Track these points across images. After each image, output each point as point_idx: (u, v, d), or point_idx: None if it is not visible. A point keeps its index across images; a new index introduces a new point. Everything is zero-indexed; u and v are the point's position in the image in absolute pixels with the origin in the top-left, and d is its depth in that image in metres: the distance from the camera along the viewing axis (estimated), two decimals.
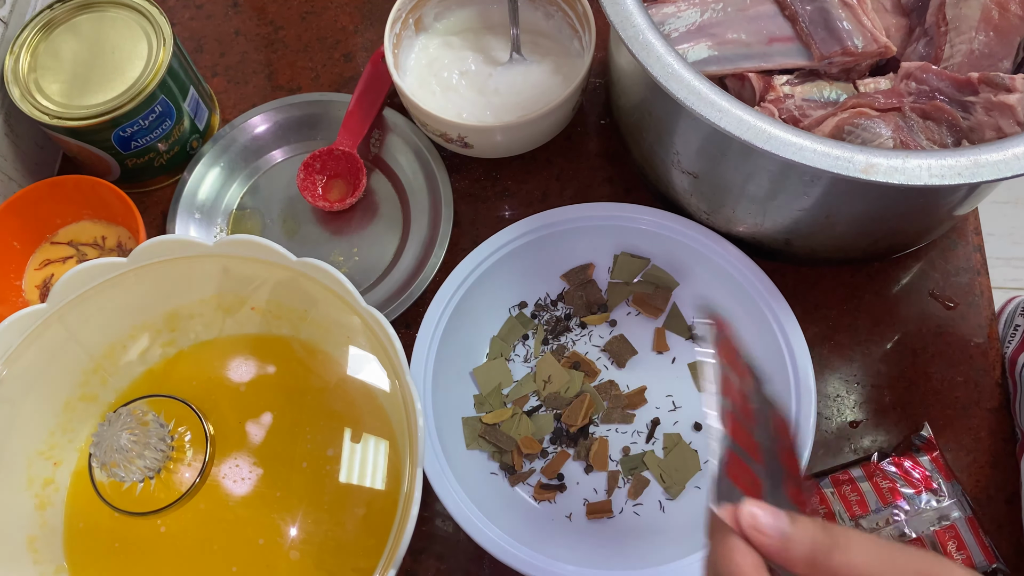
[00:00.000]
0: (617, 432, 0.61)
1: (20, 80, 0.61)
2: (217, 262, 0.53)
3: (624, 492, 0.60)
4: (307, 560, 0.48)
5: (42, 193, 0.63)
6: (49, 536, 0.50)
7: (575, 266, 0.65)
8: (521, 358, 0.64)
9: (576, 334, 0.64)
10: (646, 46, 0.50)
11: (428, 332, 0.59)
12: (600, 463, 0.60)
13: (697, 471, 0.60)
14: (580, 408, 0.61)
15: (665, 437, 0.61)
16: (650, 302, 0.64)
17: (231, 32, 0.75)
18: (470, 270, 0.60)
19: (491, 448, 0.60)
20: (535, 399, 0.62)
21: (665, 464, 0.60)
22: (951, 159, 0.47)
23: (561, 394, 0.62)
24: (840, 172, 0.47)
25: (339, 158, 0.66)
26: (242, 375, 0.53)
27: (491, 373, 0.62)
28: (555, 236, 0.62)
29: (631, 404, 0.62)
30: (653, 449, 0.61)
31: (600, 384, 0.63)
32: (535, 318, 0.65)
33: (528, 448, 0.60)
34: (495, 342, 0.64)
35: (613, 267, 0.65)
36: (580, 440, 0.61)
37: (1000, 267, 1.24)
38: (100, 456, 0.45)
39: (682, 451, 0.60)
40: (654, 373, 0.63)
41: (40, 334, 0.51)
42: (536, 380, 0.62)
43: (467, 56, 0.67)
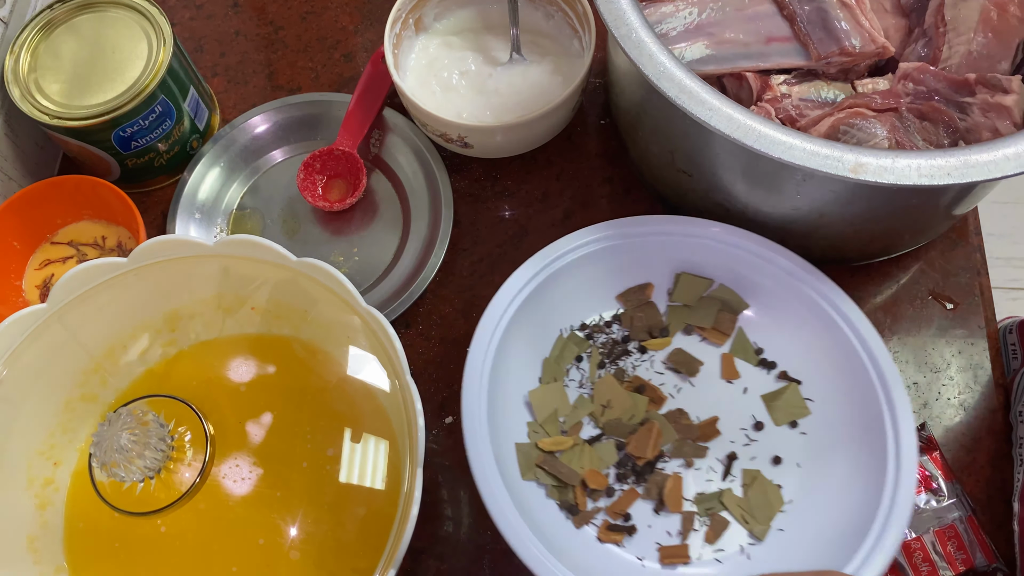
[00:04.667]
0: (688, 468, 0.57)
1: (20, 80, 0.61)
2: (217, 262, 0.53)
3: (700, 535, 0.55)
4: (307, 560, 0.48)
5: (42, 193, 0.63)
6: (49, 536, 0.50)
7: (631, 286, 0.61)
8: (576, 383, 0.59)
9: (635, 359, 0.60)
10: (638, 44, 0.50)
11: (480, 352, 0.55)
12: (674, 503, 0.55)
13: (780, 509, 0.55)
14: (648, 438, 0.56)
15: (744, 473, 0.56)
16: (715, 327, 0.60)
17: (231, 32, 0.75)
18: (519, 287, 0.57)
19: (551, 481, 0.55)
20: (591, 426, 0.58)
21: (746, 503, 0.55)
22: (941, 159, 0.47)
23: (624, 421, 0.57)
24: (829, 171, 0.47)
25: (339, 158, 0.66)
26: (242, 375, 0.53)
27: (547, 397, 0.58)
28: (607, 252, 0.59)
29: (703, 435, 0.57)
30: (730, 487, 0.56)
31: (667, 413, 0.58)
32: (590, 339, 0.60)
33: (595, 483, 0.55)
34: (548, 364, 0.59)
35: (674, 288, 0.61)
36: (648, 475, 0.56)
37: (1000, 267, 1.24)
38: (100, 456, 0.45)
39: (763, 487, 0.55)
40: (724, 403, 0.58)
41: (40, 334, 0.51)
42: (594, 404, 0.58)
43: (467, 56, 0.67)
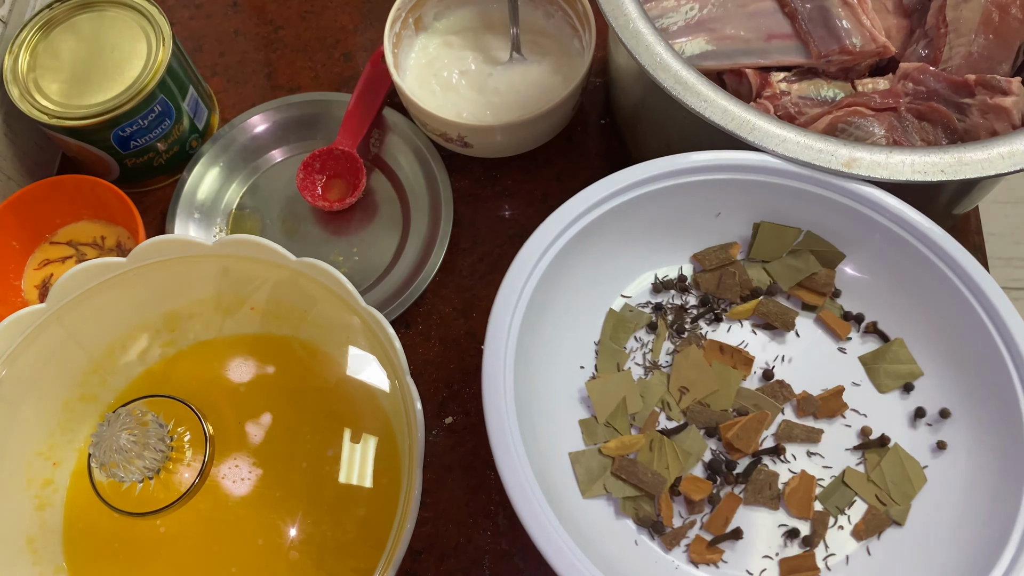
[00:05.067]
0: (797, 457, 0.48)
1: (19, 80, 0.61)
2: (216, 262, 0.53)
3: (836, 536, 0.46)
4: (307, 560, 0.48)
5: (41, 193, 0.63)
6: (48, 537, 0.50)
7: (708, 243, 0.52)
8: (640, 366, 0.50)
9: (712, 327, 0.51)
10: (636, 35, 0.49)
11: (499, 341, 0.44)
12: (803, 506, 0.46)
13: (923, 482, 0.48)
14: (756, 427, 0.47)
15: (866, 455, 0.48)
16: (810, 285, 0.51)
17: (230, 32, 0.75)
18: (542, 248, 0.46)
19: (627, 493, 0.46)
20: (664, 417, 0.49)
21: (880, 479, 0.48)
22: (935, 156, 0.47)
23: (712, 406, 0.48)
24: (822, 165, 0.47)
25: (339, 158, 0.66)
26: (241, 375, 0.53)
27: (610, 387, 0.48)
28: (655, 197, 0.49)
29: (826, 411, 0.48)
30: (847, 465, 0.48)
31: (766, 387, 0.49)
32: (656, 309, 0.51)
33: (695, 491, 0.46)
34: (605, 347, 0.50)
35: (752, 241, 0.52)
36: (750, 473, 0.47)
37: (1001, 267, 1.24)
38: (99, 456, 0.44)
39: (897, 460, 0.48)
40: (823, 371, 0.50)
41: (39, 334, 0.50)
42: (670, 388, 0.49)
43: (467, 55, 0.67)
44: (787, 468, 0.48)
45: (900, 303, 0.51)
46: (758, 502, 0.47)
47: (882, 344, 0.51)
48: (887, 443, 0.48)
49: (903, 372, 0.50)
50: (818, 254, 0.52)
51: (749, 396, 0.49)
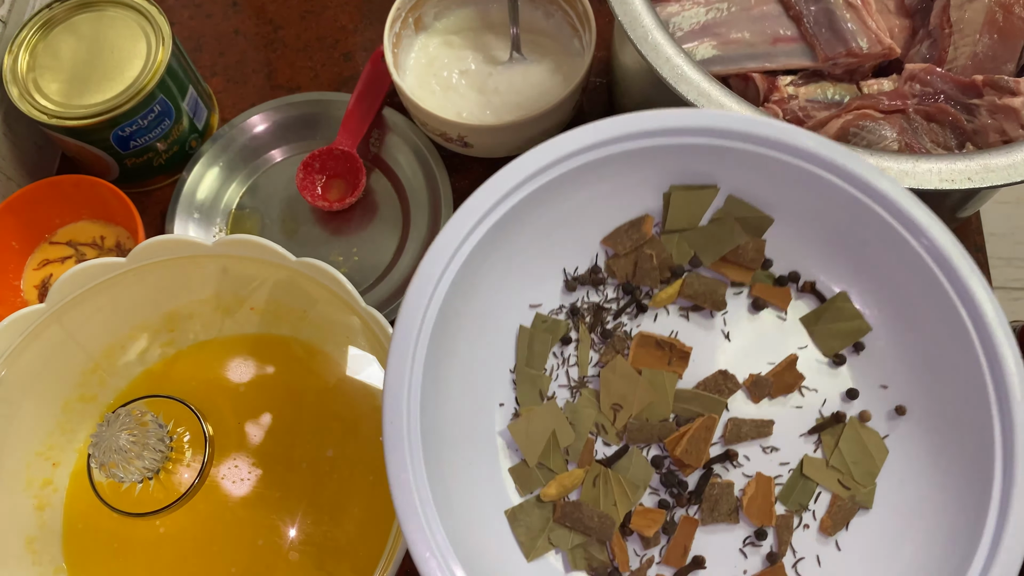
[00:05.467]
0: (750, 457, 0.44)
1: (19, 80, 0.61)
2: (216, 262, 0.52)
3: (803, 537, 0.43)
4: (306, 561, 0.48)
5: (41, 193, 0.63)
6: (48, 537, 0.50)
7: (618, 224, 0.46)
8: (562, 384, 0.45)
9: (634, 325, 0.46)
10: (655, 47, 0.48)
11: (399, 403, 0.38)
12: (764, 514, 0.43)
13: (885, 454, 0.44)
14: (705, 435, 0.43)
15: (822, 437, 0.44)
16: (735, 259, 0.46)
17: (230, 31, 0.75)
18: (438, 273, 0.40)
19: (576, 540, 0.42)
20: (601, 442, 0.44)
21: (840, 462, 0.44)
22: (961, 163, 0.46)
23: (649, 420, 0.44)
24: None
25: (338, 158, 0.66)
26: (241, 375, 0.52)
27: (537, 424, 0.43)
28: (551, 188, 0.43)
29: (782, 387, 0.44)
30: (804, 452, 0.44)
31: (708, 381, 0.45)
32: (572, 314, 0.46)
33: (648, 525, 0.41)
34: (522, 375, 0.45)
35: (665, 211, 0.46)
36: (703, 489, 0.43)
37: (1001, 267, 1.24)
38: (99, 457, 0.44)
39: (856, 437, 0.44)
40: (767, 346, 0.46)
41: (39, 334, 0.50)
42: (601, 408, 0.44)
43: (467, 55, 0.67)
44: (741, 473, 0.44)
45: (837, 257, 0.47)
46: (716, 520, 0.43)
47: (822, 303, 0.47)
48: (842, 419, 0.44)
49: (849, 329, 0.46)
50: (743, 221, 0.46)
51: (689, 398, 0.45)
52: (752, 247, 0.46)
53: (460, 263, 0.41)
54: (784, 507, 0.44)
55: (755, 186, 0.46)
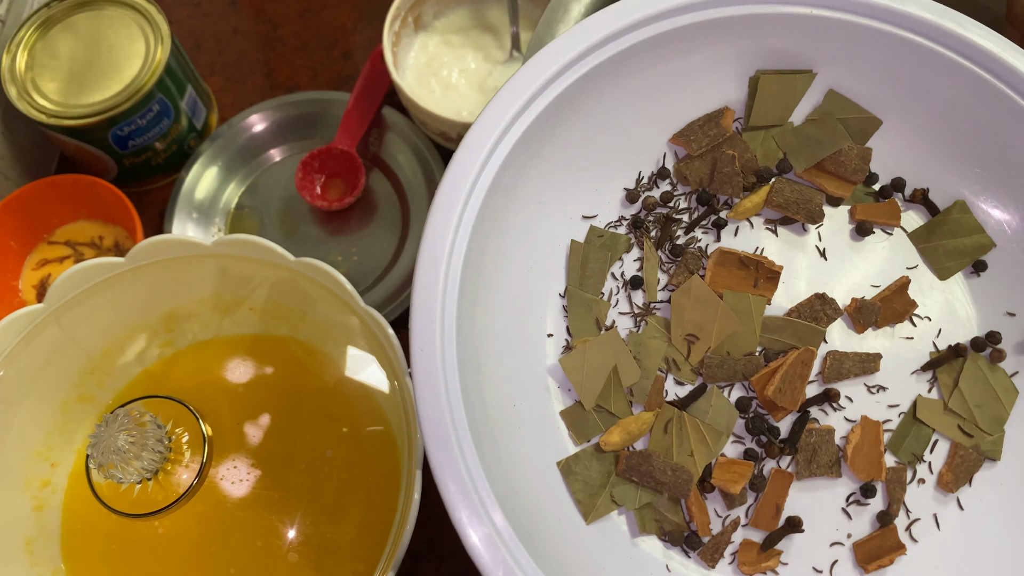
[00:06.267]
0: (853, 399, 0.37)
1: (17, 79, 0.61)
2: (215, 262, 0.52)
3: (914, 496, 0.35)
4: (305, 562, 0.48)
5: (39, 192, 0.63)
6: (46, 538, 0.50)
7: (693, 117, 0.38)
8: (627, 315, 0.37)
9: (710, 240, 0.38)
10: None
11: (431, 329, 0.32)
12: (871, 467, 0.36)
13: (1015, 396, 0.37)
14: (801, 371, 0.35)
15: (938, 375, 0.37)
16: (835, 169, 0.38)
17: (229, 30, 0.75)
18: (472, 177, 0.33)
19: (645, 498, 0.35)
20: (673, 381, 0.37)
21: (961, 405, 0.37)
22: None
23: (730, 354, 0.37)
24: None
25: (338, 157, 0.66)
26: (240, 376, 0.52)
27: (593, 357, 0.36)
28: (607, 69, 0.35)
29: (890, 315, 0.37)
30: (918, 394, 0.37)
31: (801, 307, 0.37)
32: (637, 227, 0.38)
33: (733, 480, 0.35)
34: (575, 299, 0.37)
35: (750, 103, 0.38)
36: (798, 436, 0.36)
37: None
38: (97, 457, 0.44)
39: (975, 375, 0.37)
40: (867, 267, 0.39)
41: (37, 334, 0.50)
42: (673, 340, 0.37)
43: (467, 54, 0.67)
44: (843, 417, 0.37)
45: (955, 160, 0.39)
46: (814, 473, 0.36)
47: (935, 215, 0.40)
48: (963, 353, 0.37)
49: (969, 246, 0.39)
50: (845, 123, 0.39)
51: (780, 327, 0.37)
52: (856, 154, 0.38)
53: (500, 161, 0.34)
54: (895, 458, 0.37)
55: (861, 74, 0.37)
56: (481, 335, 0.35)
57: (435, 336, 0.32)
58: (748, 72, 0.39)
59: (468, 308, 0.33)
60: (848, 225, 0.40)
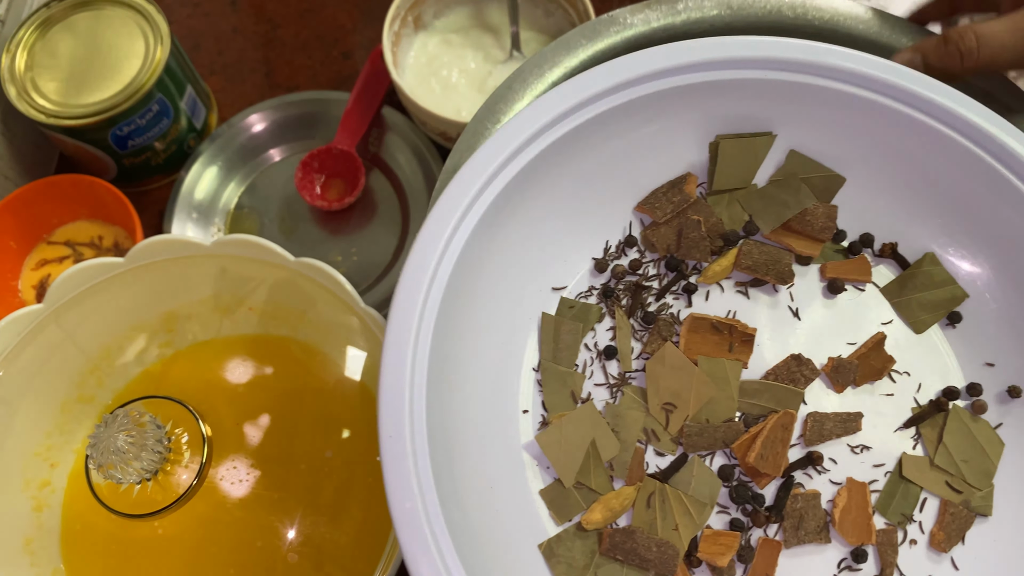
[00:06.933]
0: (837, 460, 0.37)
1: (16, 79, 0.61)
2: (215, 262, 0.52)
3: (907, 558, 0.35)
4: (305, 563, 0.48)
5: (39, 192, 0.63)
6: (46, 538, 0.50)
7: (656, 185, 0.38)
8: (603, 387, 0.37)
9: (681, 306, 0.38)
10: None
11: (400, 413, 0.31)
12: (862, 531, 0.35)
13: (1001, 448, 0.36)
14: (783, 436, 0.35)
15: (921, 431, 0.37)
16: (801, 228, 0.38)
17: (229, 30, 0.74)
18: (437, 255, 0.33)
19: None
20: (653, 451, 0.36)
21: (947, 461, 0.36)
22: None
23: (710, 421, 0.36)
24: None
25: (337, 157, 0.66)
26: (240, 376, 0.52)
27: (570, 433, 0.35)
28: (570, 140, 0.36)
29: (869, 373, 0.37)
30: (902, 450, 0.37)
31: (778, 369, 0.37)
32: (608, 297, 0.38)
33: (720, 552, 0.34)
34: (549, 373, 0.37)
35: (712, 168, 0.39)
36: (784, 503, 0.36)
37: None
38: (97, 458, 0.44)
39: (959, 428, 0.36)
40: (843, 325, 0.38)
41: (36, 335, 0.50)
42: (650, 409, 0.36)
43: (467, 54, 0.67)
44: (827, 479, 0.37)
45: (921, 213, 0.39)
46: (802, 540, 0.35)
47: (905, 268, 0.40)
48: (945, 407, 0.37)
49: (942, 298, 0.39)
50: (809, 182, 0.39)
51: (758, 391, 0.37)
52: (823, 213, 0.38)
53: (465, 236, 0.34)
54: (884, 519, 0.36)
55: (821, 133, 0.38)
56: (453, 418, 0.34)
57: (404, 422, 0.31)
58: (708, 137, 0.39)
59: (437, 391, 0.33)
60: (819, 283, 0.40)
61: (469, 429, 0.35)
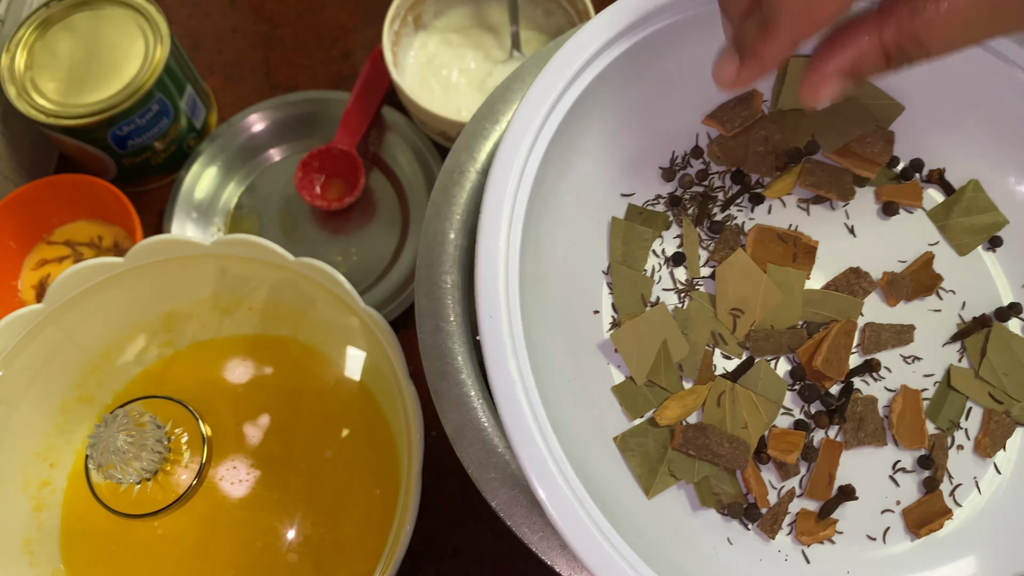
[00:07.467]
0: (892, 369, 0.38)
1: (16, 79, 0.61)
2: (214, 262, 0.52)
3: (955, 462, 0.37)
4: (305, 563, 0.48)
5: (38, 192, 0.63)
6: (46, 538, 0.50)
7: (723, 98, 0.40)
8: (671, 291, 0.38)
9: (746, 217, 0.40)
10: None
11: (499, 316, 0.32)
12: (915, 434, 0.37)
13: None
14: (845, 342, 0.37)
15: (966, 344, 0.39)
16: (860, 151, 0.40)
17: (228, 30, 0.74)
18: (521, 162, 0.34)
19: (703, 471, 0.35)
20: (720, 354, 0.38)
21: (990, 373, 0.38)
22: None
23: (774, 327, 0.38)
24: None
25: (337, 157, 0.66)
26: (239, 376, 0.52)
27: (642, 332, 0.36)
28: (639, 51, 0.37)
29: (920, 288, 0.39)
30: (949, 363, 0.39)
31: (837, 280, 0.39)
32: (676, 205, 0.40)
33: (787, 450, 0.36)
34: (619, 275, 0.38)
35: (779, 86, 0.40)
36: (846, 405, 0.37)
37: None
38: (96, 458, 0.44)
39: (1001, 344, 0.38)
40: (893, 243, 0.40)
41: (36, 335, 0.50)
42: (718, 314, 0.38)
43: (466, 54, 0.67)
44: (882, 387, 0.38)
45: (970, 140, 0.41)
46: (862, 442, 0.37)
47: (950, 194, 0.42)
48: (988, 323, 0.39)
49: (985, 223, 0.41)
50: (870, 108, 0.40)
51: (820, 300, 0.38)
52: (881, 138, 0.40)
53: (549, 135, 0.35)
54: (935, 425, 0.38)
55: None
56: (535, 307, 0.35)
57: (500, 303, 0.32)
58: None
59: (527, 277, 0.34)
60: (873, 205, 0.42)
61: (550, 324, 0.36)
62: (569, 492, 0.30)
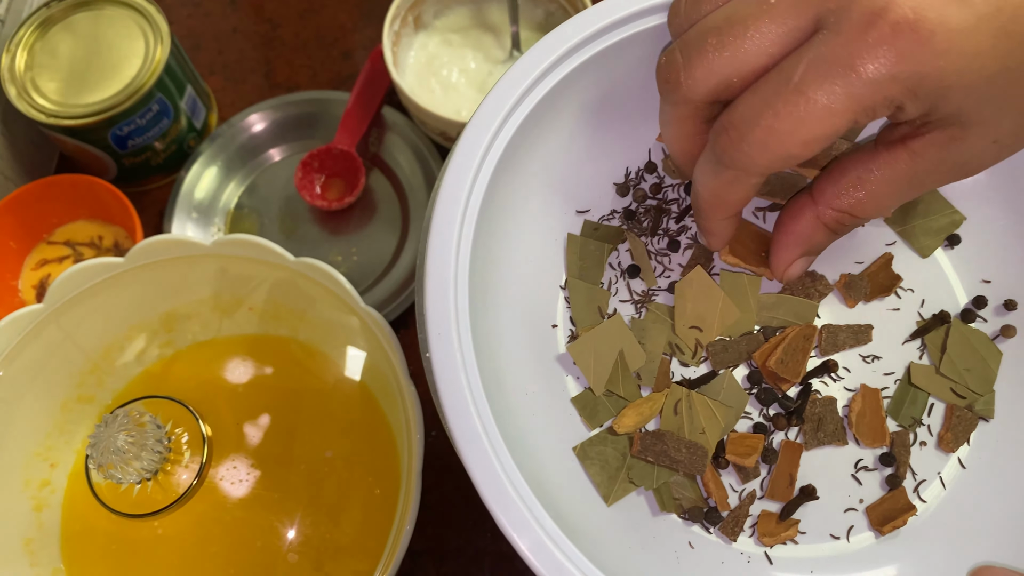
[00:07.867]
0: (850, 369, 0.39)
1: (16, 79, 0.61)
2: (214, 262, 0.52)
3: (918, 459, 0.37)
4: (305, 562, 0.48)
5: (38, 192, 0.63)
6: (46, 538, 0.50)
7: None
8: (627, 303, 0.39)
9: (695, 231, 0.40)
10: None
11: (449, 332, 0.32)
12: (875, 432, 0.37)
13: (999, 357, 0.39)
14: (803, 345, 0.37)
15: (926, 341, 0.39)
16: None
17: (229, 30, 0.74)
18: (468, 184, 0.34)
19: (662, 478, 0.36)
20: (677, 363, 0.38)
21: (951, 369, 0.38)
22: None
23: (731, 337, 0.38)
24: None
25: (337, 157, 0.66)
26: (239, 376, 0.52)
27: (599, 343, 0.37)
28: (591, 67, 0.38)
29: (878, 288, 0.39)
30: (909, 360, 0.39)
31: (792, 284, 0.39)
32: (630, 218, 0.40)
33: (745, 453, 0.36)
34: (576, 289, 0.39)
35: None
36: (804, 406, 0.37)
37: None
38: (96, 458, 0.44)
39: (960, 339, 0.39)
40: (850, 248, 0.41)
41: (36, 335, 0.50)
42: (676, 330, 0.38)
43: (467, 54, 0.67)
44: (842, 387, 0.39)
45: None
46: (821, 442, 0.37)
47: None
48: (947, 320, 0.39)
49: (942, 224, 0.41)
50: None
51: (775, 304, 0.39)
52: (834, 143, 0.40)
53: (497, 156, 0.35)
54: (896, 423, 0.39)
55: None
56: (491, 323, 0.36)
57: (450, 319, 0.32)
58: None
59: (478, 295, 0.34)
60: None
61: (506, 338, 0.37)
62: (520, 502, 0.31)
